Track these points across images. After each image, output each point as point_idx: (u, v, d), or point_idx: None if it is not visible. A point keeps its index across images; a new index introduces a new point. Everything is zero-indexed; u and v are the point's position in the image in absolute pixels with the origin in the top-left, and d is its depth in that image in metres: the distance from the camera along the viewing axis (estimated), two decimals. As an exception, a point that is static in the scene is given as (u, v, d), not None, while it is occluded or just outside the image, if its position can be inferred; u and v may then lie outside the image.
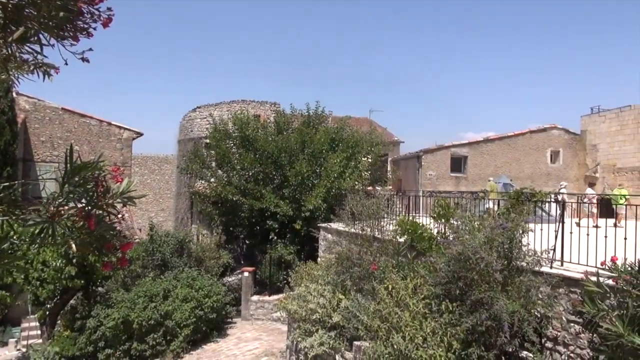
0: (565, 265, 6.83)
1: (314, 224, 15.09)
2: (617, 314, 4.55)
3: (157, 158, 33.48)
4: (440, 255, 7.30)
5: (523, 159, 25.07)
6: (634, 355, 4.27)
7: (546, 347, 6.55)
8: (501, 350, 6.18)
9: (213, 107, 25.03)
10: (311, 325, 9.29)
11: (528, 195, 7.51)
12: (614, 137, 22.85)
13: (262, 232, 17.82)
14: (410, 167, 25.87)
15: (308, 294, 9.71)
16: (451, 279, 6.78)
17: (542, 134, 25.42)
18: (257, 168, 17.60)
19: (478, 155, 24.83)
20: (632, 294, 4.57)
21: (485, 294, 6.18)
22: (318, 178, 17.00)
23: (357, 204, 10.42)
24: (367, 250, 9.37)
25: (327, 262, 10.82)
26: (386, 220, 10.66)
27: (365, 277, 8.89)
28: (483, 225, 6.96)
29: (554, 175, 25.10)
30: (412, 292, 7.23)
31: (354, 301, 8.42)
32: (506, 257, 6.60)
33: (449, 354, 6.15)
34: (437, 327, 6.43)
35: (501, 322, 6.00)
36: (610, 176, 22.94)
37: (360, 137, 18.28)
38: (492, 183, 19.11)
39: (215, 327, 15.08)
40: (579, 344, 6.06)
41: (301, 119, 19.05)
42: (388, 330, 6.88)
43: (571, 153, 25.40)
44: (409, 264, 8.41)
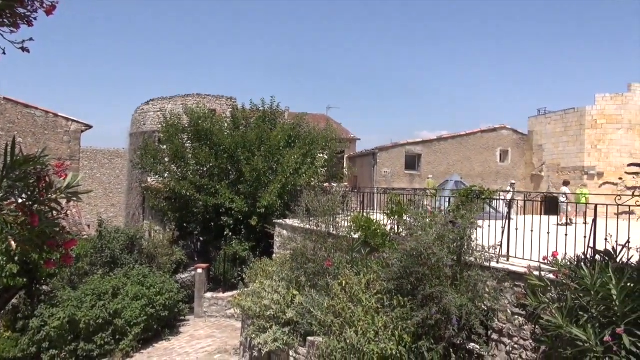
0: (511, 260, 7.11)
1: (270, 220, 15.04)
2: (557, 306, 4.80)
3: (108, 152, 32.39)
4: (393, 251, 7.44)
5: (474, 157, 25.89)
6: (572, 345, 4.51)
7: (492, 338, 6.81)
8: (450, 342, 6.38)
9: (167, 101, 24.46)
10: (265, 322, 9.26)
11: (477, 193, 7.76)
12: (559, 137, 23.94)
13: (217, 228, 17.59)
14: (365, 164, 26.20)
15: (262, 291, 9.68)
16: (403, 274, 6.93)
17: (492, 134, 26.33)
18: (212, 163, 17.33)
19: (432, 153, 25.44)
20: (571, 287, 4.82)
21: (436, 289, 6.36)
22: (274, 174, 16.93)
23: (312, 201, 10.46)
24: (322, 247, 9.44)
25: (282, 258, 10.83)
26: (341, 216, 10.77)
27: (320, 273, 8.95)
28: (435, 221, 7.15)
29: (503, 173, 26.06)
30: (366, 287, 7.34)
31: (308, 297, 8.46)
32: (456, 253, 6.81)
33: (399, 347, 6.29)
34: (389, 321, 6.56)
35: (450, 316, 6.20)
36: (554, 175, 24.03)
37: (317, 134, 18.34)
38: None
39: (167, 325, 14.77)
40: (523, 335, 6.33)
41: (257, 115, 18.89)
42: (341, 325, 6.97)
43: (519, 152, 26.44)
44: (363, 260, 8.52)
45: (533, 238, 6.88)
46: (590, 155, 22.20)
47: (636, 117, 21.85)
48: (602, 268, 4.64)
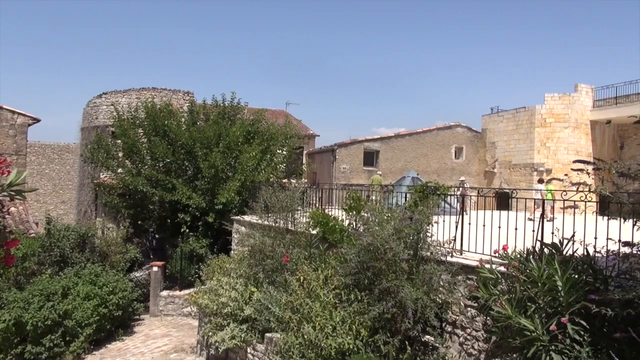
0: (464, 254, 7.30)
1: (228, 216, 14.85)
2: (506, 297, 4.96)
3: (58, 146, 31.09)
4: (350, 247, 7.49)
5: (430, 154, 26.45)
6: (520, 335, 4.67)
7: (446, 330, 6.98)
8: (405, 335, 6.49)
9: (121, 94, 23.70)
10: (222, 319, 9.17)
11: (432, 188, 7.93)
12: (510, 135, 24.77)
13: (173, 225, 17.21)
14: (325, 161, 26.28)
15: (220, 288, 9.56)
16: (361, 269, 7.00)
17: (448, 131, 26.96)
18: (169, 159, 16.93)
19: (389, 150, 25.80)
20: (520, 279, 5.00)
21: (392, 283, 6.46)
22: (233, 171, 16.73)
23: (271, 197, 10.41)
24: (280, 243, 9.42)
25: (239, 255, 10.73)
26: (300, 212, 10.77)
27: (278, 269, 8.93)
28: (392, 217, 7.25)
29: (458, 170, 26.75)
30: (323, 282, 7.37)
31: (266, 293, 8.42)
32: (413, 248, 6.93)
33: (357, 341, 6.36)
34: (346, 316, 6.62)
35: (406, 309, 6.31)
36: (506, 171, 24.86)
37: (276, 130, 18.23)
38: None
39: (121, 325, 14.36)
40: (475, 327, 6.52)
41: (216, 110, 18.59)
42: (299, 321, 6.97)
43: (473, 149, 27.20)
44: (321, 255, 8.55)
45: (485, 233, 7.09)
46: (539, 152, 23.09)
47: (582, 117, 22.87)
48: (548, 260, 4.83)
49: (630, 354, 3.86)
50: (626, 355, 3.82)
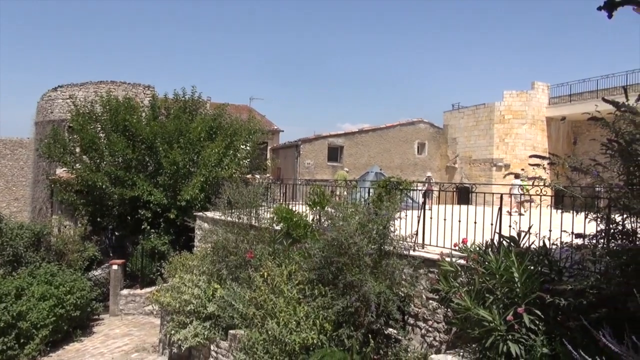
0: (426, 248, 7.43)
1: (190, 213, 14.61)
2: (466, 289, 5.08)
3: (10, 141, 29.74)
4: (315, 242, 7.51)
5: (394, 149, 26.77)
6: (479, 326, 4.80)
7: (408, 323, 7.10)
8: (369, 329, 6.57)
9: (78, 87, 22.89)
10: (185, 317, 9.02)
11: (395, 183, 8.02)
12: (471, 131, 25.37)
13: (134, 222, 16.79)
14: (289, 156, 26.22)
15: (182, 285, 9.41)
16: (325, 264, 7.03)
17: (411, 127, 27.35)
18: (129, 155, 16.48)
19: (353, 145, 25.97)
20: (479, 272, 5.13)
21: (356, 277, 6.51)
22: (195, 166, 16.46)
23: (234, 193, 10.30)
24: (244, 239, 9.33)
25: (202, 251, 10.58)
26: (264, 208, 10.70)
27: (242, 265, 8.86)
28: (356, 212, 7.30)
29: (420, 165, 27.20)
30: (287, 278, 7.36)
31: (229, 290, 8.34)
32: (376, 242, 7.00)
33: (320, 335, 6.38)
34: (310, 311, 6.63)
35: (369, 303, 6.38)
36: (467, 166, 25.46)
37: (239, 125, 18.02)
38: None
39: (79, 325, 13.91)
40: (436, 319, 6.66)
41: (177, 105, 18.19)
42: (263, 317, 6.94)
43: (435, 145, 27.70)
44: (285, 251, 8.53)
45: (446, 227, 7.24)
46: (498, 148, 23.74)
47: (538, 113, 23.64)
48: (506, 253, 4.98)
49: (581, 342, 4.01)
50: (578, 342, 3.97)
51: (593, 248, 4.52)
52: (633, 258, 4.14)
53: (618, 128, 4.31)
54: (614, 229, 4.52)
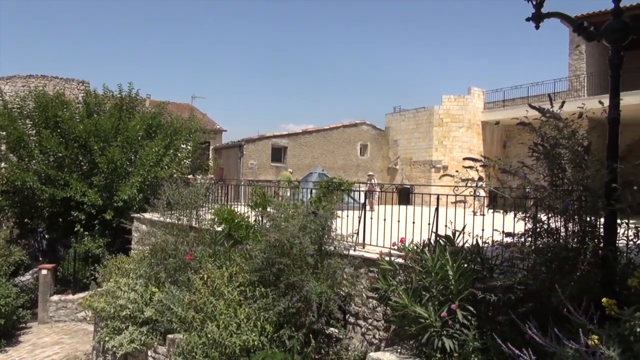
0: (367, 247, 7.56)
1: (127, 214, 14.08)
2: (404, 288, 5.21)
3: None
4: (256, 243, 7.45)
5: (337, 151, 27.07)
6: (416, 323, 4.93)
7: (349, 322, 7.19)
8: (310, 329, 6.59)
9: (4, 81, 21.55)
10: (121, 322, 8.69)
11: (336, 184, 8.11)
12: (411, 134, 26.08)
13: (66, 224, 15.96)
14: (232, 156, 25.89)
15: (118, 289, 9.05)
16: (266, 265, 6.99)
17: (354, 129, 27.77)
18: (61, 153, 15.65)
19: (297, 146, 26.02)
20: (416, 270, 5.28)
21: (298, 278, 6.53)
22: (133, 166, 15.88)
23: (174, 193, 10.04)
24: (184, 241, 9.13)
25: (140, 254, 10.23)
26: (205, 209, 10.51)
27: (181, 268, 8.65)
28: (297, 212, 7.31)
29: (363, 166, 27.66)
30: (228, 280, 7.26)
31: (168, 293, 8.11)
32: (317, 243, 7.04)
33: (261, 337, 6.34)
34: (251, 312, 6.57)
35: (310, 303, 6.40)
36: (407, 168, 26.14)
37: (180, 124, 17.57)
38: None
39: (3, 334, 13.05)
40: (376, 317, 6.79)
41: (113, 102, 17.47)
42: (203, 320, 6.80)
43: (377, 147, 28.26)
44: (226, 252, 8.42)
45: (386, 226, 7.40)
46: (437, 150, 24.56)
47: (474, 117, 24.67)
48: (441, 251, 5.15)
49: (510, 335, 4.21)
50: (507, 336, 4.17)
51: (521, 246, 4.77)
52: (556, 255, 4.40)
53: (544, 133, 4.57)
54: (540, 227, 4.78)
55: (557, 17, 4.81)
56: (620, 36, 4.26)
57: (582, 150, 4.33)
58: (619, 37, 4.26)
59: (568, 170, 4.40)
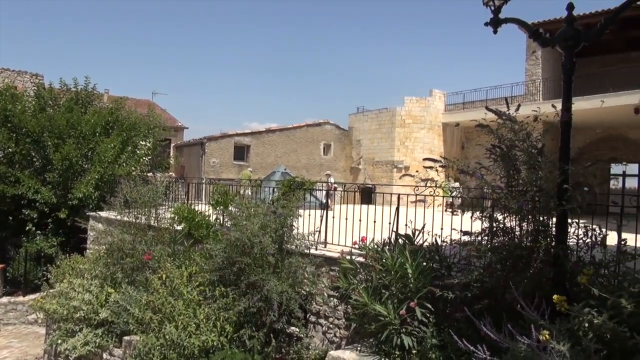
0: (328, 246, 7.59)
1: (83, 212, 13.61)
2: (364, 286, 5.25)
3: None
4: (217, 242, 7.36)
5: (300, 150, 27.07)
6: (375, 321, 4.98)
7: (310, 321, 7.20)
8: (271, 328, 6.56)
9: (-51, 72, 20.43)
10: (74, 325, 8.39)
11: (298, 183, 8.10)
12: (374, 134, 26.36)
13: (17, 222, 15.29)
14: (194, 154, 25.48)
15: (71, 291, 8.73)
16: (227, 264, 6.92)
17: (317, 128, 27.83)
18: (11, 148, 14.97)
19: (260, 144, 25.86)
20: (376, 269, 5.33)
21: (258, 277, 6.49)
22: (90, 163, 15.37)
23: (132, 191, 9.78)
24: (142, 240, 8.90)
25: (95, 254, 9.90)
26: (165, 208, 10.30)
27: (139, 267, 8.44)
28: (257, 211, 7.26)
29: (326, 165, 27.75)
30: (188, 280, 7.14)
31: (125, 294, 7.89)
32: (278, 242, 7.02)
33: (221, 337, 6.26)
34: (211, 312, 6.48)
35: (271, 302, 6.38)
36: (370, 168, 26.41)
37: (139, 120, 17.12)
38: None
39: (-53, 339, 12.41)
40: (337, 315, 6.82)
41: (69, 96, 16.85)
42: (161, 321, 6.66)
43: (340, 146, 28.42)
44: (186, 252, 8.28)
45: (347, 225, 7.44)
46: (399, 150, 24.91)
47: (435, 119, 25.16)
48: (401, 250, 5.23)
49: (467, 332, 4.31)
50: (463, 332, 4.27)
51: (478, 244, 4.89)
52: (511, 253, 4.54)
53: (500, 135, 4.70)
54: (496, 227, 4.92)
55: (514, 23, 4.97)
56: (573, 43, 4.44)
57: (536, 152, 4.48)
58: (572, 43, 4.44)
59: (522, 172, 4.54)
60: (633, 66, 20.48)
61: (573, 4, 4.48)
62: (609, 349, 3.44)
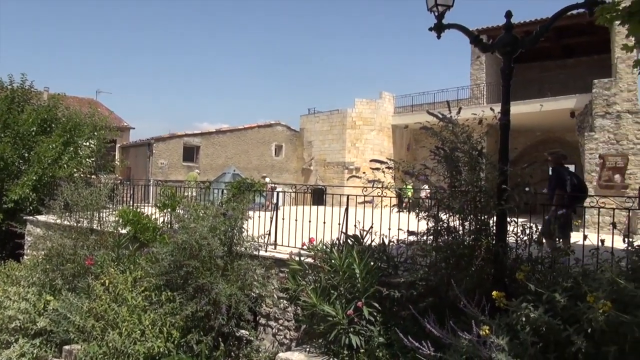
0: (278, 248, 7.57)
1: (19, 216, 12.91)
2: (312, 287, 5.27)
3: None
4: (164, 245, 7.19)
5: (251, 151, 26.84)
6: (324, 321, 5.01)
7: (260, 323, 7.15)
8: (219, 332, 6.47)
9: None
10: (9, 335, 7.94)
11: (248, 185, 8.04)
12: (325, 135, 26.53)
13: (-57, 228, 14.30)
14: (140, 155, 24.74)
15: (6, 299, 8.26)
16: (174, 268, 6.77)
17: (268, 129, 27.70)
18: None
19: (210, 145, 25.44)
20: (325, 269, 5.36)
21: (207, 280, 6.38)
22: (27, 164, 14.59)
23: (73, 194, 9.38)
24: (84, 244, 8.55)
25: (33, 260, 9.43)
26: (109, 210, 9.95)
27: (80, 273, 8.11)
28: (207, 213, 7.14)
29: (278, 167, 27.67)
30: (132, 285, 6.92)
31: (65, 301, 7.54)
32: (227, 244, 6.93)
33: (168, 343, 6.11)
34: (157, 318, 6.30)
35: (220, 306, 6.29)
36: (321, 169, 26.55)
37: (82, 120, 16.40)
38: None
39: None
40: (287, 317, 6.81)
41: (3, 93, 15.91)
42: (103, 328, 6.42)
43: (292, 148, 28.41)
44: (131, 256, 8.03)
45: (297, 227, 7.44)
46: (350, 152, 25.19)
47: (385, 121, 25.63)
48: (349, 251, 5.28)
49: (412, 329, 4.41)
50: (409, 330, 4.37)
51: (423, 244, 5.02)
52: (454, 252, 4.69)
53: (443, 137, 4.85)
54: (440, 226, 5.06)
55: (457, 29, 5.13)
56: (511, 49, 4.65)
57: (476, 153, 4.64)
58: (510, 50, 4.65)
59: (464, 173, 4.70)
60: (569, 72, 21.70)
61: (511, 12, 4.68)
62: (545, 341, 3.61)
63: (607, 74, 16.25)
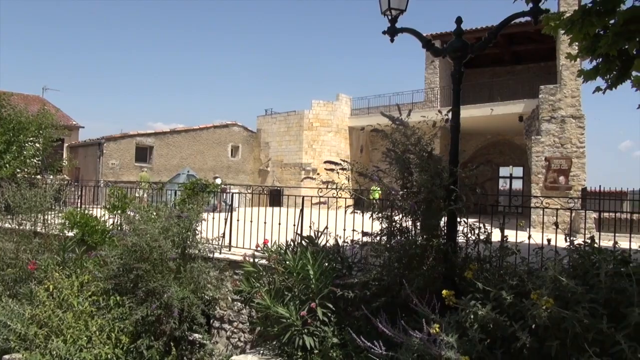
0: (233, 250, 7.48)
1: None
2: (266, 289, 5.23)
3: None
4: (113, 248, 6.96)
5: (207, 151, 26.40)
6: (278, 323, 4.98)
7: (214, 326, 7.04)
8: (171, 336, 6.32)
9: None
10: (-58, 346, 7.46)
11: (202, 186, 7.90)
12: (283, 136, 26.45)
13: None
14: (90, 155, 23.85)
15: (-61, 307, 7.76)
16: (123, 271, 6.57)
17: (225, 130, 27.33)
18: None
19: (165, 145, 24.85)
20: (279, 271, 5.33)
21: (158, 283, 6.22)
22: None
23: (14, 195, 8.92)
24: (26, 248, 8.15)
25: (-30, 265, 8.90)
26: (55, 213, 9.54)
27: (22, 279, 7.72)
28: (159, 215, 6.97)
29: (234, 168, 27.34)
30: (79, 290, 6.66)
31: (5, 308, 7.15)
32: (181, 246, 6.78)
33: (116, 349, 5.91)
34: (104, 323, 6.10)
35: (171, 309, 6.15)
36: (278, 170, 26.45)
37: (26, 118, 15.65)
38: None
39: None
40: (241, 320, 6.73)
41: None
42: (47, 335, 6.14)
43: (249, 148, 28.15)
44: (77, 260, 7.72)
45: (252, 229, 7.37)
46: (307, 153, 25.21)
47: (342, 122, 25.82)
48: (303, 252, 5.27)
49: (366, 329, 4.46)
50: (362, 330, 4.40)
51: (376, 244, 5.08)
52: (406, 251, 4.76)
53: (394, 139, 4.92)
54: (393, 227, 5.13)
55: (409, 33, 5.22)
56: (461, 54, 4.78)
57: (426, 155, 4.74)
58: (460, 54, 4.78)
59: (415, 174, 4.78)
60: (518, 78, 22.59)
61: (461, 18, 4.82)
62: (492, 337, 3.72)
63: (554, 80, 17.02)
